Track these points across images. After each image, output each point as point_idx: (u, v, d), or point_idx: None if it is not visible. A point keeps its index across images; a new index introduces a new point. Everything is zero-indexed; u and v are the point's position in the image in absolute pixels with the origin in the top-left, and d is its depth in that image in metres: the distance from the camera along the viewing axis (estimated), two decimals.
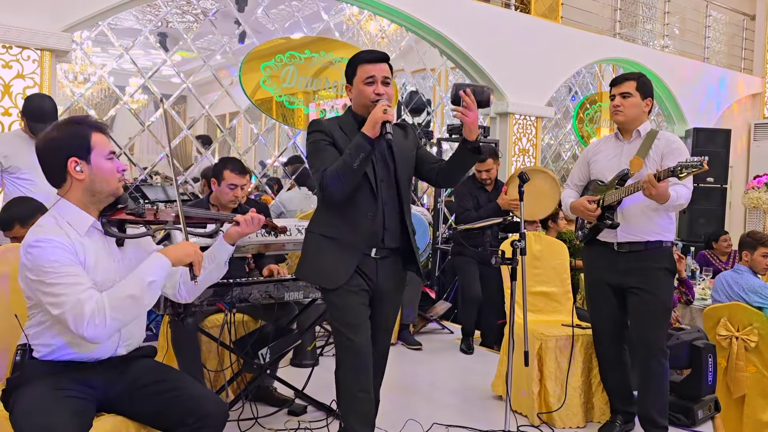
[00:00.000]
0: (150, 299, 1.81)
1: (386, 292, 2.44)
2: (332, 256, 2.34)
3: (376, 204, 2.35)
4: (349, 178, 2.22)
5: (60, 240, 1.77)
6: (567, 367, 3.17)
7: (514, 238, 2.73)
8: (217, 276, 2.15)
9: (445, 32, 5.92)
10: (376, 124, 2.20)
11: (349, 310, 2.34)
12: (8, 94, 3.98)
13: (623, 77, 2.93)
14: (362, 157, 2.20)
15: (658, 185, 2.64)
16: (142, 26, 5.24)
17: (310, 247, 2.42)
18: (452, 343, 4.80)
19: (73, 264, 1.76)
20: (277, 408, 3.18)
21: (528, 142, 6.63)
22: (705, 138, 7.57)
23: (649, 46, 8.68)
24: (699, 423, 3.20)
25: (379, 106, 2.22)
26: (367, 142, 2.20)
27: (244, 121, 6.25)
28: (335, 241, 2.34)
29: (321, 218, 2.41)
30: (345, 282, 2.31)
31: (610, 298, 2.96)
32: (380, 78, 2.33)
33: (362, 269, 2.35)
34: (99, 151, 1.87)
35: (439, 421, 3.12)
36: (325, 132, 2.34)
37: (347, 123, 2.39)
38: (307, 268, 2.41)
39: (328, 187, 2.24)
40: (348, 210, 2.33)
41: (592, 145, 3.16)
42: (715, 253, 5.79)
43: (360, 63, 2.35)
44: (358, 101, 2.37)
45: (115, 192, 1.91)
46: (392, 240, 2.40)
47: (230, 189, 3.21)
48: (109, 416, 1.86)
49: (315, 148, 2.33)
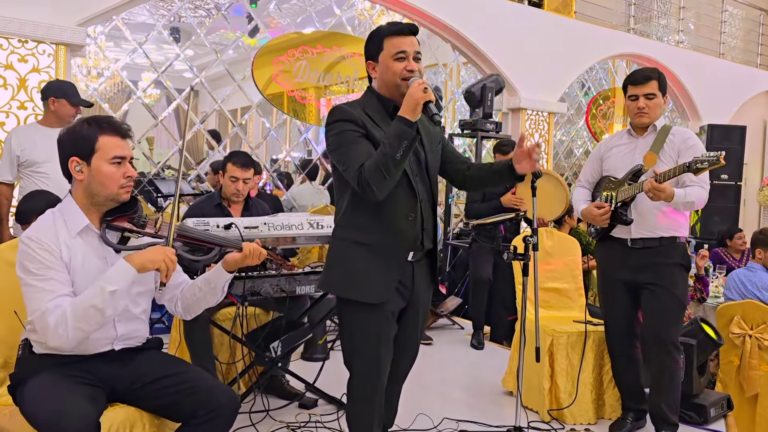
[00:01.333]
0: (113, 308, 1.74)
1: (422, 295, 2.24)
2: (370, 266, 2.06)
3: (416, 203, 2.09)
4: (393, 173, 1.92)
5: (47, 241, 1.77)
6: (578, 363, 3.16)
7: (527, 234, 2.72)
8: (213, 300, 2.05)
9: (457, 27, 5.90)
10: (417, 106, 1.91)
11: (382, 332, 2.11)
12: (24, 88, 4.02)
13: (644, 77, 2.83)
14: (405, 146, 1.90)
15: (659, 186, 2.64)
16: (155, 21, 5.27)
17: (342, 257, 2.11)
18: (463, 338, 4.80)
19: (52, 268, 1.75)
20: (288, 401, 3.20)
21: (540, 138, 6.60)
22: (720, 134, 7.50)
23: (664, 41, 8.60)
24: (711, 421, 3.18)
25: (416, 85, 1.92)
26: (410, 127, 1.90)
27: (255, 116, 6.26)
28: (372, 248, 2.06)
29: (353, 222, 2.09)
30: (387, 298, 2.08)
31: (623, 294, 2.95)
32: (412, 53, 2.04)
33: (401, 279, 2.12)
34: (103, 153, 1.84)
35: (450, 416, 3.12)
36: (354, 121, 2.02)
37: (373, 108, 2.10)
38: (340, 280, 2.11)
39: (370, 187, 1.93)
40: (386, 211, 2.04)
41: (605, 141, 3.12)
42: (729, 251, 5.74)
43: (387, 35, 2.06)
44: (385, 80, 2.07)
45: (114, 197, 1.87)
46: (429, 241, 2.17)
47: (231, 182, 3.25)
48: (121, 407, 1.88)
49: (344, 140, 2.01)
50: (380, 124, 2.06)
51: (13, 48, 3.97)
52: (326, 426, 2.94)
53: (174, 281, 2.07)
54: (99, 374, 1.86)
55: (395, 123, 1.93)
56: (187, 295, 2.06)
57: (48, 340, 1.72)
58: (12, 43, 3.97)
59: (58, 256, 1.78)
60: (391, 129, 1.94)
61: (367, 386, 2.15)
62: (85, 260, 1.84)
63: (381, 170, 1.91)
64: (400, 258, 2.10)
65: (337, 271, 2.12)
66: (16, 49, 3.98)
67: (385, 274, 2.07)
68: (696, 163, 2.58)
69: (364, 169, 1.93)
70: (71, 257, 1.82)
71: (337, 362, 2.52)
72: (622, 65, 8.51)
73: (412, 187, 2.08)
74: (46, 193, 2.97)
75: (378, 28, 2.12)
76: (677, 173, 2.66)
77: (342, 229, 2.13)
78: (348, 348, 2.18)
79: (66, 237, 1.83)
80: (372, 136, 2.02)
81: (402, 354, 2.30)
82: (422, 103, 1.92)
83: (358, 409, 2.19)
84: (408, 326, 2.25)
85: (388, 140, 1.92)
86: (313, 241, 2.99)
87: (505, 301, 4.54)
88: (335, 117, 2.05)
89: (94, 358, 1.87)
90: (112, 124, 1.89)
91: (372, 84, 2.17)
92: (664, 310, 2.82)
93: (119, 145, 1.87)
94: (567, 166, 8.10)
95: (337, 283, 2.13)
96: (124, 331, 1.94)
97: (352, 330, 2.14)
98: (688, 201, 2.73)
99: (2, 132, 3.95)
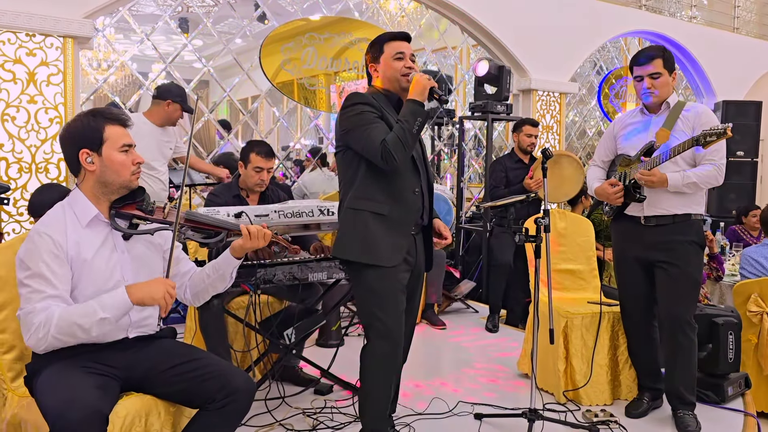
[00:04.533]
0: (98, 332, 1.75)
1: (420, 269, 2.50)
2: (385, 233, 2.31)
3: (419, 179, 2.40)
4: (410, 145, 2.24)
5: (55, 236, 1.80)
6: (593, 344, 3.14)
7: (538, 216, 2.70)
8: (221, 287, 2.10)
9: (465, 9, 5.83)
10: (424, 90, 2.26)
11: (398, 296, 2.34)
12: (33, 82, 4.03)
13: (648, 56, 2.80)
14: (419, 122, 2.23)
15: (651, 173, 2.67)
16: (162, 11, 5.24)
17: (358, 224, 2.33)
18: (477, 322, 4.80)
19: (49, 266, 1.77)
20: (303, 387, 3.22)
21: (552, 119, 6.53)
22: (735, 110, 7.37)
23: (677, 17, 8.44)
24: (729, 400, 3.15)
25: (421, 75, 2.29)
26: (420, 106, 2.24)
27: (265, 104, 6.25)
28: (385, 218, 2.32)
29: (367, 194, 2.34)
30: (398, 262, 2.33)
31: (638, 272, 2.93)
32: (409, 54, 2.39)
33: (408, 248, 2.39)
34: (112, 143, 1.89)
35: (465, 399, 3.13)
36: (372, 105, 2.31)
37: (381, 99, 2.38)
38: (356, 246, 2.32)
39: (392, 156, 2.20)
40: (397, 185, 2.33)
41: (618, 120, 3.09)
42: (746, 228, 5.67)
43: (387, 41, 2.42)
44: (388, 76, 2.40)
45: (127, 184, 1.93)
46: (427, 216, 2.47)
47: (256, 172, 3.22)
48: (137, 396, 1.89)
49: (365, 120, 2.27)
50: (388, 111, 2.34)
51: (21, 42, 3.98)
52: (342, 411, 2.95)
53: (182, 269, 2.12)
54: (113, 363, 1.88)
55: (408, 104, 2.27)
56: (196, 281, 2.10)
57: (26, 338, 1.75)
58: (20, 38, 3.98)
59: (63, 252, 1.80)
60: (405, 108, 2.27)
61: (387, 352, 2.33)
62: (95, 250, 1.87)
63: (401, 142, 2.21)
64: (408, 228, 2.39)
65: (353, 238, 2.34)
66: (24, 44, 3.99)
67: (397, 240, 2.34)
68: (705, 137, 2.55)
69: (387, 142, 2.20)
70: (80, 249, 1.84)
71: (352, 348, 2.53)
72: (635, 43, 8.37)
73: (416, 167, 2.40)
74: (58, 186, 3.00)
75: (378, 36, 2.47)
76: (687, 147, 2.64)
77: (356, 200, 2.35)
78: (365, 312, 2.37)
79: (75, 229, 1.86)
80: (386, 119, 2.30)
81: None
82: (428, 87, 2.26)
83: (375, 378, 2.35)
84: (409, 297, 2.47)
85: (404, 117, 2.24)
86: (324, 227, 2.99)
87: (522, 284, 4.53)
88: (355, 100, 2.32)
89: (108, 347, 1.89)
90: (115, 115, 1.95)
91: (372, 83, 2.47)
92: (678, 289, 2.80)
93: (125, 134, 1.94)
94: (580, 146, 8.02)
95: (355, 249, 2.33)
96: (137, 318, 1.96)
97: (370, 295, 2.33)
98: (690, 182, 2.71)
99: (13, 126, 3.98)
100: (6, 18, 3.89)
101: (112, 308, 1.75)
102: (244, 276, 2.72)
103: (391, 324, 2.31)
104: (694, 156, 2.77)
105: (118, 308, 1.76)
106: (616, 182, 2.90)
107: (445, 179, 7.31)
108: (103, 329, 1.76)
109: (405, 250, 2.36)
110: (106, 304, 1.75)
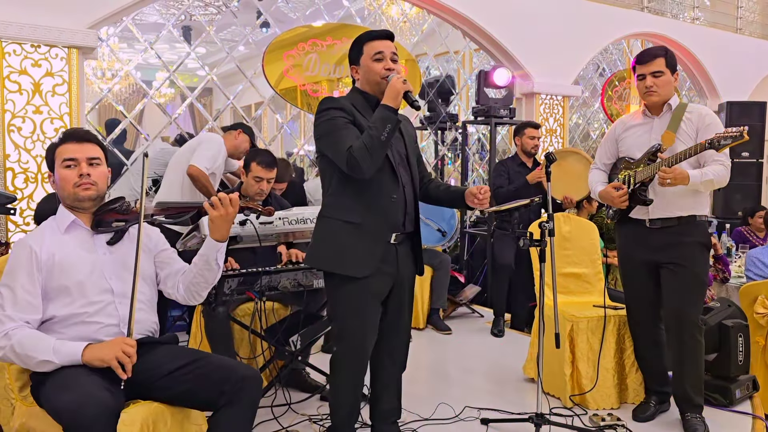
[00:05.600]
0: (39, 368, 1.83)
1: (406, 278, 2.44)
2: (356, 242, 2.26)
3: (398, 185, 2.31)
4: (378, 153, 2.14)
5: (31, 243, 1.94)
6: (599, 348, 3.13)
7: (543, 220, 2.70)
8: (211, 277, 2.06)
9: (467, 13, 5.84)
10: (398, 95, 2.16)
11: (368, 308, 2.31)
12: (38, 92, 4.06)
13: (650, 54, 2.84)
14: (389, 129, 2.13)
15: (672, 169, 2.63)
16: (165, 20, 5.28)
17: (329, 233, 2.31)
18: (483, 326, 4.79)
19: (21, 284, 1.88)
20: (309, 394, 3.22)
21: (555, 122, 6.52)
22: (739, 111, 7.34)
23: (679, 18, 8.43)
24: (737, 403, 3.14)
25: (397, 78, 2.18)
26: (392, 113, 2.15)
27: (269, 111, 6.27)
28: (359, 226, 2.26)
29: (340, 202, 2.29)
30: (371, 272, 2.26)
31: (643, 275, 2.92)
32: (389, 54, 2.28)
33: (384, 257, 2.30)
34: (58, 161, 2.01)
35: (471, 404, 3.12)
36: (343, 109, 2.23)
37: (359, 103, 2.31)
38: (327, 255, 2.30)
39: (358, 165, 2.12)
40: (371, 192, 2.25)
41: (620, 122, 3.09)
42: (751, 229, 5.65)
43: (366, 41, 2.31)
44: (367, 78, 2.31)
45: (74, 196, 2.00)
46: (410, 224, 2.38)
47: (256, 182, 3.24)
48: (143, 404, 1.89)
49: (334, 126, 2.21)
50: (366, 115, 2.27)
51: (27, 53, 4.01)
52: None
53: (174, 268, 2.15)
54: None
55: (379, 109, 2.17)
56: (186, 275, 2.10)
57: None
58: (25, 48, 4.00)
59: (36, 261, 1.91)
60: (376, 114, 2.17)
61: (351, 361, 2.35)
62: (74, 253, 1.97)
63: (367, 149, 2.12)
64: (384, 236, 2.30)
65: (324, 247, 2.32)
66: (29, 54, 4.02)
67: (369, 250, 2.26)
68: (720, 140, 2.55)
69: (353, 149, 2.13)
70: (57, 252, 1.94)
71: None
72: (637, 45, 8.36)
73: (394, 172, 2.30)
74: None
75: (359, 35, 2.36)
76: (699, 151, 2.63)
77: (329, 208, 2.33)
78: (334, 320, 2.38)
79: (54, 235, 1.99)
80: (359, 124, 2.22)
81: (393, 336, 2.45)
82: (403, 92, 2.16)
83: (342, 384, 2.38)
84: (395, 308, 2.43)
85: (374, 123, 2.15)
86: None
87: (526, 288, 4.52)
88: (326, 105, 2.26)
89: None
90: (70, 132, 2.07)
91: (355, 85, 2.39)
92: (684, 290, 2.79)
93: (70, 149, 2.02)
94: (584, 149, 8.00)
95: (324, 258, 2.32)
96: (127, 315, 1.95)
97: (339, 304, 2.33)
98: (707, 180, 2.69)
99: (19, 137, 4.00)
100: (11, 29, 3.92)
101: (62, 355, 1.81)
102: (249, 283, 2.73)
103: (357, 334, 2.31)
104: (698, 157, 2.77)
105: (66, 357, 1.82)
106: (620, 185, 2.90)
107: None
108: (43, 367, 1.82)
109: (379, 259, 2.28)
110: (59, 350, 1.82)
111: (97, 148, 2.05)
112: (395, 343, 2.48)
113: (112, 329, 1.95)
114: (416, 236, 2.44)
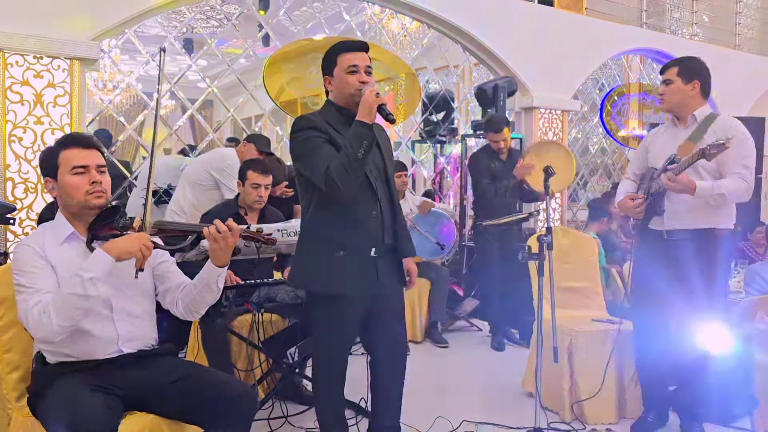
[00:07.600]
0: (95, 292, 1.77)
1: (391, 290, 2.40)
2: (335, 260, 2.23)
3: (377, 201, 2.28)
4: (356, 171, 2.12)
5: (35, 246, 1.88)
6: (598, 362, 3.12)
7: (541, 233, 2.70)
8: (210, 298, 2.05)
9: (467, 28, 5.88)
10: (372, 110, 2.11)
11: (345, 325, 2.31)
12: (40, 103, 4.07)
13: (667, 64, 2.90)
14: (366, 146, 2.09)
15: (677, 178, 2.61)
16: (167, 33, 5.32)
17: (308, 253, 2.30)
18: (481, 340, 4.78)
19: (37, 270, 1.84)
20: (306, 406, 3.20)
21: (554, 137, 6.55)
22: None
23: (678, 35, 8.50)
24: (737, 418, 3.12)
25: (370, 92, 2.13)
26: (367, 128, 2.10)
27: (269, 123, 6.30)
28: (338, 244, 2.23)
29: (318, 221, 2.27)
30: (350, 290, 2.25)
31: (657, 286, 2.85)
32: (363, 67, 2.24)
33: (364, 272, 2.28)
34: (64, 167, 1.94)
35: (469, 418, 3.11)
36: (318, 128, 2.21)
37: (333, 118, 2.28)
38: (306, 274, 2.30)
39: (336, 185, 2.10)
40: (351, 209, 2.23)
41: (651, 133, 3.11)
42: (751, 245, 5.65)
43: (340, 53, 2.27)
44: (341, 92, 2.27)
45: (84, 204, 1.94)
46: (390, 237, 2.35)
47: (254, 188, 3.26)
48: (140, 415, 1.89)
49: (310, 146, 2.19)
50: (341, 131, 2.22)
51: (29, 64, 4.04)
52: None
53: (174, 282, 2.12)
54: (114, 381, 1.88)
55: (354, 126, 2.13)
56: (186, 293, 2.09)
57: (35, 331, 1.76)
58: (27, 60, 4.03)
59: (45, 261, 1.86)
60: (351, 131, 2.13)
61: (324, 376, 2.38)
62: (75, 263, 1.88)
63: (345, 168, 2.09)
64: (364, 252, 2.26)
65: (303, 266, 2.32)
66: (31, 66, 4.04)
67: (348, 267, 2.24)
68: (710, 149, 2.53)
69: (330, 169, 2.10)
70: (58, 264, 1.88)
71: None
72: (636, 60, 8.41)
73: (372, 188, 2.27)
74: None
75: (332, 46, 2.30)
76: (693, 161, 2.61)
77: (308, 228, 2.31)
78: (313, 337, 2.40)
79: (53, 245, 1.91)
80: (335, 142, 2.19)
81: (382, 350, 2.43)
82: (376, 106, 2.10)
83: (322, 399, 2.42)
84: (381, 322, 2.39)
85: (350, 141, 2.11)
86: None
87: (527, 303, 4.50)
88: (302, 125, 2.23)
89: (107, 364, 1.90)
90: (73, 138, 2.01)
91: (329, 97, 2.35)
92: (693, 302, 2.76)
93: (79, 156, 1.95)
94: (582, 164, 8.03)
95: (303, 278, 2.33)
96: (126, 331, 1.96)
97: (317, 322, 2.34)
98: (718, 193, 2.67)
99: (20, 147, 4.01)
100: (14, 41, 3.95)
101: (94, 267, 1.77)
102: (246, 295, 2.73)
103: (332, 351, 2.34)
104: (719, 168, 2.72)
105: (101, 264, 1.78)
106: (635, 196, 2.91)
107: (448, 197, 7.32)
108: (98, 291, 1.77)
109: (358, 276, 2.26)
110: (88, 267, 1.77)
111: (101, 155, 2.03)
112: (386, 357, 2.45)
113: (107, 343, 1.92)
114: (397, 248, 2.40)
